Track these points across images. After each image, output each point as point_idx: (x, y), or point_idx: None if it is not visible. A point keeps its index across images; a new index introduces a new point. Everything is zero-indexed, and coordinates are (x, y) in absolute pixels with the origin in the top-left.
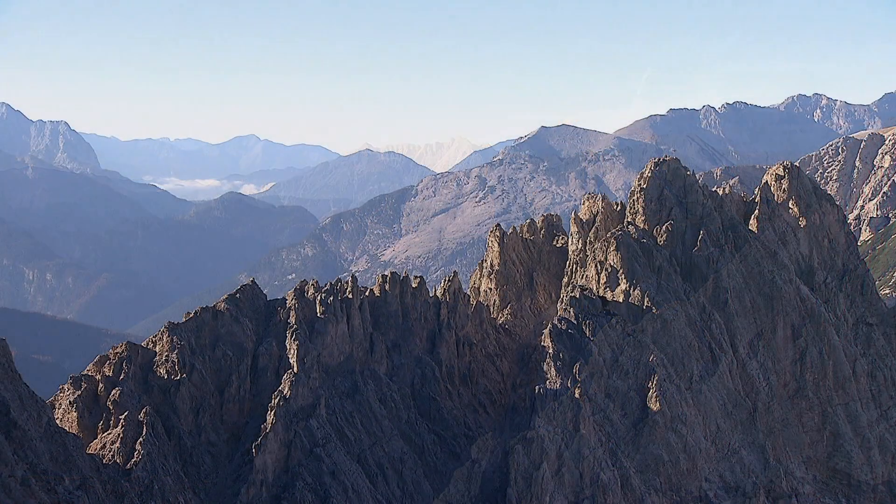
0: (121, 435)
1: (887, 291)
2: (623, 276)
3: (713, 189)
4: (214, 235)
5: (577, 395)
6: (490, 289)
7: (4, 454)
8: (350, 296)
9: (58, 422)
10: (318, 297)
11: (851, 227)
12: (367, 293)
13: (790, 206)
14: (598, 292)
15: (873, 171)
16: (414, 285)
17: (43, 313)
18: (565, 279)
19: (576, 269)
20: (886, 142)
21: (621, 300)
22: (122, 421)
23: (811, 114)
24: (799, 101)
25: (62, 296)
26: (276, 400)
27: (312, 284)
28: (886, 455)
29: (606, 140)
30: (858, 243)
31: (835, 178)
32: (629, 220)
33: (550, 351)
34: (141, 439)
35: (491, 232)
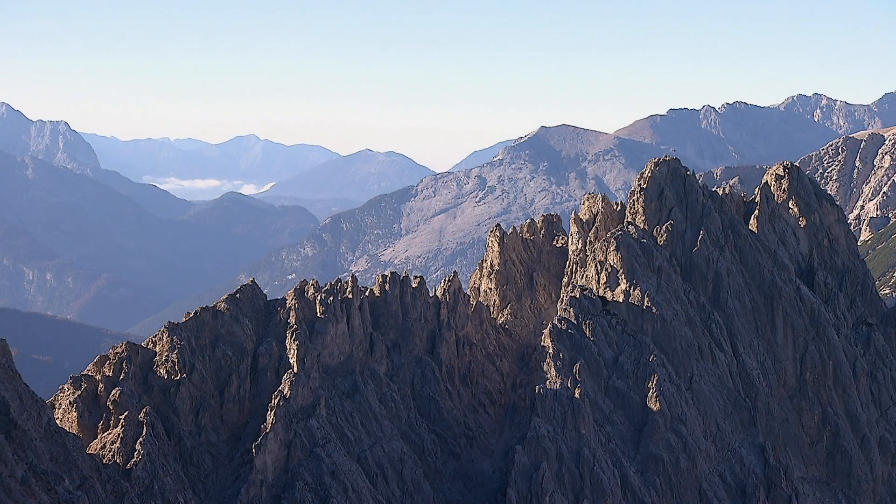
0: (121, 435)
1: (887, 291)
2: (623, 276)
3: (713, 189)
4: (214, 235)
5: (577, 395)
6: (490, 289)
7: (4, 454)
8: (350, 296)
9: (58, 422)
10: (318, 297)
11: (851, 227)
12: (367, 293)
13: (790, 206)
14: (598, 292)
15: (873, 171)
16: (414, 285)
17: (43, 313)
18: (565, 279)
19: (576, 269)
20: (886, 142)
21: (621, 300)
22: (122, 421)
23: (811, 114)
24: (799, 101)
25: (62, 296)
26: (276, 400)
27: (312, 284)
28: (886, 455)
29: (606, 140)
30: (858, 243)
31: (835, 178)
32: (629, 220)
33: (550, 351)
34: (141, 439)
35: (491, 232)
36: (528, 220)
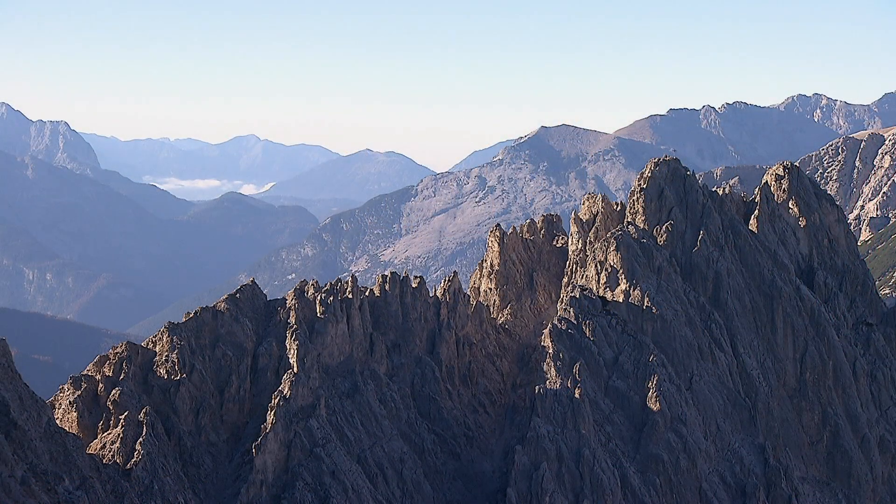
0: (121, 435)
1: (887, 291)
2: (623, 276)
3: (713, 189)
4: (214, 235)
5: (577, 395)
6: (490, 289)
7: (4, 454)
8: (350, 296)
9: (58, 422)
10: (318, 297)
11: (851, 227)
12: (367, 293)
13: (790, 206)
14: (598, 292)
15: (873, 171)
16: (414, 285)
17: (43, 313)
18: (565, 279)
19: (576, 269)
20: (886, 142)
21: (621, 300)
22: (122, 421)
23: (811, 114)
24: (799, 101)
25: (62, 296)
26: (276, 400)
27: (312, 284)
28: (886, 455)
29: (606, 140)
30: (858, 243)
31: (835, 178)
32: (629, 220)
33: (550, 351)
34: (141, 439)
35: (491, 232)
36: (528, 220)
